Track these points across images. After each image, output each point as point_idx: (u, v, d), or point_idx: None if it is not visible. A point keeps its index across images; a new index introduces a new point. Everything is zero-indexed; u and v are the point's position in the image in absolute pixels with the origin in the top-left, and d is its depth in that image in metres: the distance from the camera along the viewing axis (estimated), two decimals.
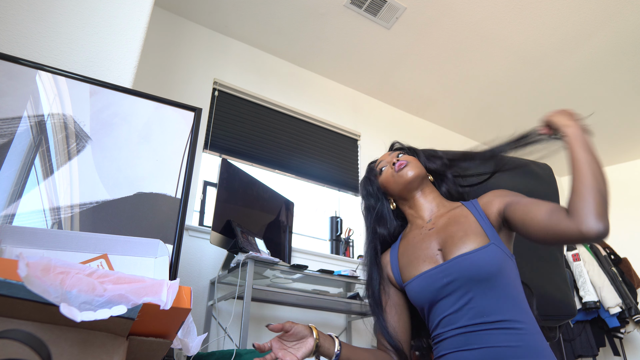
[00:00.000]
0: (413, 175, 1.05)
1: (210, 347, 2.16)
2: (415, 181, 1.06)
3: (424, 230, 1.03)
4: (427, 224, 1.04)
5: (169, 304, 0.66)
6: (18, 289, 0.55)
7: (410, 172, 1.05)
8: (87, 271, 0.62)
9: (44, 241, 0.87)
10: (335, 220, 3.01)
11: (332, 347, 0.89)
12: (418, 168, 1.07)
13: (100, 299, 0.60)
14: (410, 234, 1.06)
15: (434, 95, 3.65)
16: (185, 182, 1.36)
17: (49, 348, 0.54)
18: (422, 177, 1.07)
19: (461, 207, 1.02)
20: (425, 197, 1.07)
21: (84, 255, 0.90)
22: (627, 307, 3.23)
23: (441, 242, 0.97)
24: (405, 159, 1.09)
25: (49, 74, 1.30)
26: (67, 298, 0.58)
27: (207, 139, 2.74)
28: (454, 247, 0.93)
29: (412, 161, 1.09)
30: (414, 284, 0.95)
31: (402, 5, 2.75)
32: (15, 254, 0.82)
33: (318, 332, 0.89)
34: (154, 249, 0.97)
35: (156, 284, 0.66)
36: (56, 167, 1.21)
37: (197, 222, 2.53)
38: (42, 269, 0.57)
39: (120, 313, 0.59)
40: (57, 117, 1.26)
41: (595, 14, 2.75)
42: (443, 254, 0.95)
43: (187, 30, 2.92)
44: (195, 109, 1.49)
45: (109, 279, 0.62)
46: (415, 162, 1.09)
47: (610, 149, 4.23)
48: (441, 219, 1.02)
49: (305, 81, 3.38)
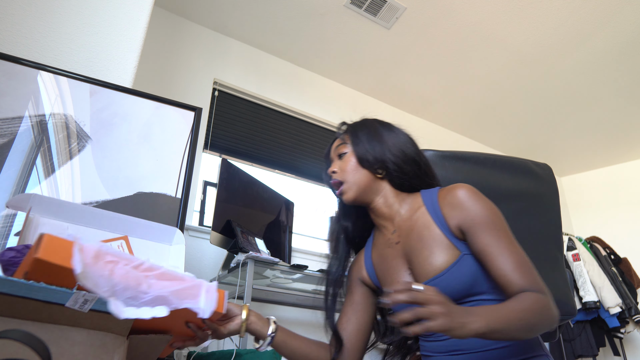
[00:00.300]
0: (352, 198, 0.94)
1: (210, 347, 2.16)
2: (358, 199, 0.95)
3: (391, 243, 0.94)
4: (392, 235, 0.95)
5: (208, 313, 0.67)
6: (19, 287, 0.55)
7: (349, 196, 0.94)
8: (134, 263, 0.62)
9: (70, 215, 0.88)
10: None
11: (265, 329, 0.89)
12: (355, 186, 0.94)
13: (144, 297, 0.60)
14: (379, 242, 0.98)
15: (434, 95, 3.64)
16: (185, 181, 1.36)
17: (49, 348, 0.54)
18: (365, 191, 0.94)
19: (422, 209, 0.91)
20: (382, 203, 0.95)
21: (106, 234, 0.91)
22: (627, 307, 3.23)
23: (409, 260, 0.90)
24: (338, 176, 0.95)
25: (50, 74, 1.30)
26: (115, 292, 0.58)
27: (207, 139, 2.74)
28: (422, 270, 0.85)
29: (347, 174, 0.95)
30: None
31: (402, 5, 2.75)
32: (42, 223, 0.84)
33: (249, 312, 0.89)
34: (171, 236, 1.00)
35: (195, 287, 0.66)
36: (57, 167, 1.21)
37: (197, 222, 2.53)
38: (93, 256, 0.58)
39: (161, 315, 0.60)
40: (58, 116, 1.26)
41: (595, 14, 2.75)
42: (413, 275, 0.89)
43: (187, 30, 2.92)
44: (195, 109, 1.49)
45: (153, 274, 0.62)
46: (351, 175, 0.94)
47: (610, 149, 4.23)
48: (405, 228, 0.92)
49: (305, 81, 3.38)
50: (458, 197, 0.86)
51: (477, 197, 0.85)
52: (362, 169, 0.95)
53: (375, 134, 0.98)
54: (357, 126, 1.02)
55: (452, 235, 0.85)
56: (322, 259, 2.81)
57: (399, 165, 0.94)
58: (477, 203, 0.84)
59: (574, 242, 3.51)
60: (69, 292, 0.58)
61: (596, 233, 3.98)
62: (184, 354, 1.96)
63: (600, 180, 4.53)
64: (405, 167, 0.94)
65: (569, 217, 4.57)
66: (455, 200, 0.86)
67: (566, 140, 4.15)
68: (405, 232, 0.92)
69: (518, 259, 0.79)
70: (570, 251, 3.47)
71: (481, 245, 0.81)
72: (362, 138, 0.98)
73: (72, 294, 0.58)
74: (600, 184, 4.52)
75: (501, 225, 0.83)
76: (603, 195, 4.45)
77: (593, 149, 4.25)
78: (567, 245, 3.49)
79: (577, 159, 4.47)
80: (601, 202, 4.43)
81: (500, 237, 0.81)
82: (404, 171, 0.94)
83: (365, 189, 0.94)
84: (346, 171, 0.95)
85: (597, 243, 3.66)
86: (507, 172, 1.27)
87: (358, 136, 0.99)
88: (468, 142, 4.22)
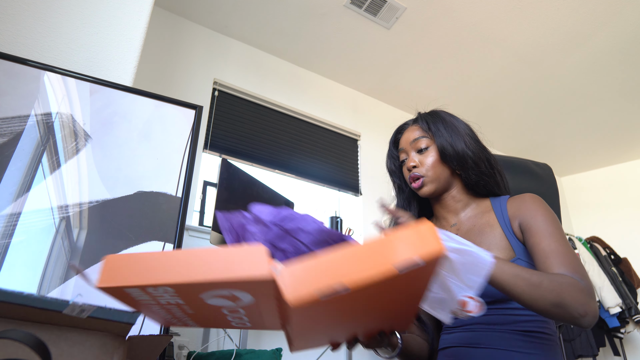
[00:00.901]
0: (430, 192, 0.97)
1: (210, 347, 2.16)
2: (435, 194, 0.98)
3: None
4: (451, 228, 0.97)
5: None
6: (14, 297, 0.55)
7: (427, 190, 0.96)
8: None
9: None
10: (335, 220, 3.01)
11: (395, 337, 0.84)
12: (435, 181, 0.96)
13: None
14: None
15: (434, 95, 3.64)
16: (185, 180, 1.36)
17: (48, 348, 0.54)
18: (442, 187, 0.97)
19: (490, 211, 0.94)
20: (452, 197, 0.98)
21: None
22: (627, 307, 3.23)
23: None
24: (419, 171, 0.97)
25: (52, 74, 1.30)
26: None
27: (207, 138, 2.74)
28: None
29: (428, 170, 0.96)
30: None
31: (402, 5, 2.75)
32: None
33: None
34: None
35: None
36: (63, 164, 1.21)
37: (197, 222, 2.53)
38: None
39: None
40: (62, 115, 1.26)
41: (595, 14, 2.75)
42: None
43: (187, 30, 2.92)
44: (195, 107, 1.49)
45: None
46: (432, 171, 0.96)
47: (610, 149, 4.23)
48: (466, 223, 0.96)
49: (305, 81, 3.38)
50: (525, 199, 0.90)
51: (543, 203, 0.88)
52: (443, 166, 0.97)
53: (456, 131, 0.99)
54: (436, 119, 1.02)
55: (513, 234, 0.88)
56: None
57: (477, 164, 0.95)
58: (541, 206, 0.87)
59: (574, 242, 3.51)
60: (65, 304, 0.58)
61: (596, 233, 3.98)
62: (184, 354, 1.96)
63: (600, 180, 4.53)
64: (482, 166, 0.96)
65: (569, 217, 4.57)
66: (521, 201, 0.90)
67: (566, 140, 4.15)
68: (465, 230, 0.94)
69: (565, 250, 0.79)
70: None
71: (534, 234, 0.82)
72: (444, 134, 0.98)
73: (69, 305, 0.58)
74: (600, 184, 4.52)
75: (557, 226, 0.84)
76: (603, 195, 4.45)
77: (593, 149, 4.25)
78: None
79: (577, 159, 4.47)
80: (601, 202, 4.43)
81: (554, 232, 0.82)
82: (481, 171, 0.96)
83: (443, 184, 0.97)
84: (428, 166, 0.97)
85: (597, 243, 3.66)
86: (507, 172, 1.27)
87: (440, 131, 0.99)
88: None
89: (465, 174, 0.96)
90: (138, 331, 1.12)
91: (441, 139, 0.97)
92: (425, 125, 1.02)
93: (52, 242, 1.11)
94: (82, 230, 1.15)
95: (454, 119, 1.04)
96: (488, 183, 0.97)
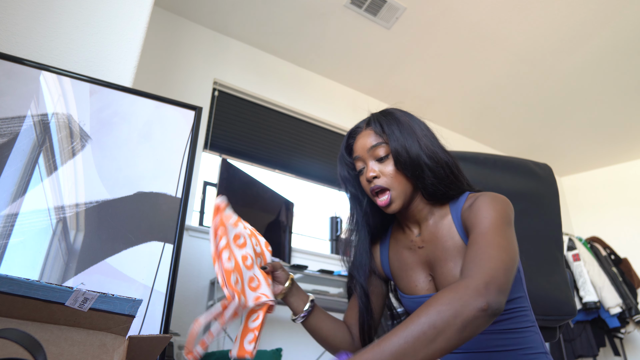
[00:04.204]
0: (398, 209, 0.88)
1: (210, 347, 2.16)
2: (401, 209, 0.90)
3: (413, 246, 0.92)
4: (416, 238, 0.93)
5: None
6: (19, 285, 0.55)
7: (396, 207, 0.88)
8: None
9: None
10: (335, 220, 3.01)
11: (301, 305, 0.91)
12: (402, 195, 0.88)
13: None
14: (399, 239, 0.97)
15: (434, 95, 3.64)
16: (185, 181, 1.36)
17: (44, 349, 0.54)
18: (408, 199, 0.89)
19: (448, 215, 0.89)
20: (414, 207, 0.91)
21: None
22: (628, 307, 3.23)
23: (431, 268, 0.88)
24: (382, 183, 0.88)
25: (52, 74, 1.30)
26: None
27: (207, 138, 2.74)
28: (446, 281, 0.83)
29: (393, 182, 0.88)
30: (409, 301, 0.92)
31: (402, 5, 2.75)
32: None
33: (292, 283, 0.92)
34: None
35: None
36: (60, 166, 1.20)
37: (197, 222, 2.53)
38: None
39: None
40: (59, 116, 1.25)
41: (595, 14, 2.75)
42: (435, 283, 0.87)
43: (187, 30, 2.92)
44: (195, 108, 1.49)
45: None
46: (397, 183, 0.88)
47: (610, 149, 4.23)
48: (429, 231, 0.91)
49: (305, 81, 3.38)
50: (475, 201, 0.83)
51: (492, 202, 0.81)
52: (404, 177, 0.88)
53: (411, 133, 0.90)
54: (390, 121, 0.93)
55: (467, 237, 0.83)
56: (322, 259, 2.81)
57: (433, 170, 0.87)
58: (487, 207, 0.80)
59: (574, 242, 3.51)
60: (68, 291, 0.58)
61: (596, 233, 3.98)
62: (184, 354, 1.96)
63: (600, 180, 4.53)
64: (439, 172, 0.87)
65: (569, 217, 4.58)
66: (470, 204, 0.84)
67: (566, 140, 4.15)
68: (430, 239, 0.90)
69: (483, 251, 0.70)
70: (571, 251, 3.47)
71: (469, 240, 0.76)
72: (398, 137, 0.89)
73: (72, 292, 0.58)
74: (600, 184, 4.52)
75: (497, 224, 0.76)
76: (603, 195, 4.45)
77: (593, 149, 4.26)
78: (567, 245, 3.49)
79: (577, 159, 4.47)
80: (601, 202, 4.43)
81: (487, 233, 0.74)
82: (437, 178, 0.87)
83: (409, 196, 0.89)
84: (390, 177, 0.88)
85: (597, 243, 3.66)
86: (507, 172, 1.27)
87: (395, 134, 0.89)
88: (468, 142, 4.22)
89: (421, 184, 0.87)
90: (138, 331, 1.12)
91: (395, 143, 0.88)
92: (379, 128, 0.92)
93: (50, 244, 1.11)
94: (80, 232, 1.15)
95: (410, 119, 0.94)
96: (446, 193, 0.88)
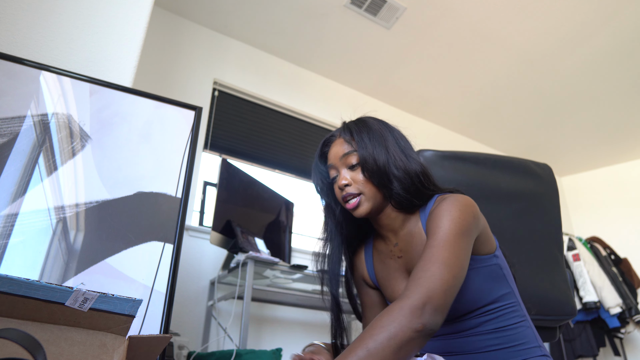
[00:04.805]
0: (365, 212, 0.89)
1: (210, 347, 2.16)
2: (370, 215, 0.90)
3: (393, 255, 0.93)
4: (394, 247, 0.93)
5: None
6: (19, 285, 0.55)
7: (362, 210, 0.88)
8: None
9: None
10: None
11: None
12: (371, 199, 0.88)
13: None
14: (382, 249, 0.97)
15: (434, 95, 3.64)
16: (185, 181, 1.36)
17: (44, 349, 0.54)
18: (378, 205, 0.89)
19: (419, 224, 0.88)
20: (387, 216, 0.91)
21: None
22: (628, 307, 3.23)
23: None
24: (353, 189, 0.88)
25: (52, 74, 1.30)
26: None
27: (207, 138, 2.74)
28: None
29: (364, 187, 0.88)
30: None
31: (402, 5, 2.75)
32: None
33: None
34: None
35: None
36: (60, 166, 1.21)
37: (197, 222, 2.53)
38: None
39: None
40: (59, 116, 1.26)
41: (595, 14, 2.75)
42: None
43: (187, 30, 2.92)
44: (195, 108, 1.49)
45: None
46: (368, 188, 0.88)
47: (610, 149, 4.23)
48: (406, 242, 0.90)
49: (305, 81, 3.38)
50: (435, 210, 0.81)
51: (451, 209, 0.79)
52: (373, 186, 0.89)
53: (381, 141, 0.90)
54: (361, 129, 0.93)
55: None
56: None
57: (400, 180, 0.87)
58: (444, 215, 0.78)
59: (574, 242, 3.51)
60: (68, 291, 0.58)
61: (596, 233, 3.98)
62: (184, 354, 1.96)
63: (600, 180, 4.53)
64: (406, 183, 0.87)
65: (569, 217, 4.58)
66: (432, 212, 0.82)
67: (566, 140, 4.15)
68: (406, 248, 0.90)
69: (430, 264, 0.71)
70: (571, 251, 3.47)
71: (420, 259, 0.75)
72: (367, 146, 0.89)
73: (72, 292, 0.58)
74: (600, 184, 4.52)
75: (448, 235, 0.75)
76: (603, 195, 4.45)
77: (593, 149, 4.26)
78: (567, 245, 3.49)
79: (577, 159, 4.47)
80: (601, 202, 4.44)
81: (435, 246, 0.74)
82: (405, 189, 0.87)
83: (380, 202, 0.89)
84: (361, 184, 0.89)
85: (597, 243, 3.66)
86: (507, 172, 1.27)
87: (364, 142, 0.90)
88: (468, 142, 4.22)
89: (388, 193, 0.88)
90: (138, 331, 1.12)
91: (363, 151, 0.88)
92: (348, 136, 0.93)
93: (50, 243, 1.11)
94: (80, 232, 1.15)
95: (384, 128, 0.94)
96: (412, 202, 0.87)
